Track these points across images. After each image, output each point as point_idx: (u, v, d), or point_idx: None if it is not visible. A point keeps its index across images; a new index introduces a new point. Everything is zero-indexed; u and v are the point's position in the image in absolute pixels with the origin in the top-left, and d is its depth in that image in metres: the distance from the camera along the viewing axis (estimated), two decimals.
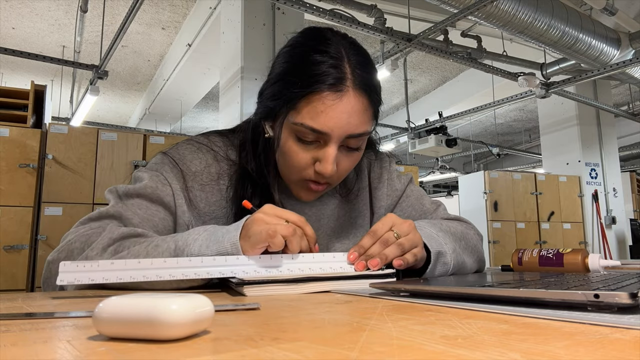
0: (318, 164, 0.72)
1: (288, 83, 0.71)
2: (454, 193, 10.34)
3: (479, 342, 0.27)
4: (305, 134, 0.71)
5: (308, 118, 0.69)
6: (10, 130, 2.71)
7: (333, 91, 0.69)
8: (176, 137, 3.97)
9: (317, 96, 0.69)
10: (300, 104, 0.70)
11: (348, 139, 0.72)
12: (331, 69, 0.70)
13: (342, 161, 0.74)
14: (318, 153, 0.72)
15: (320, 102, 0.69)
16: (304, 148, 0.73)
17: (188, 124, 7.69)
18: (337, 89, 0.69)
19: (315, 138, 0.71)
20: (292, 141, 0.73)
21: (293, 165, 0.74)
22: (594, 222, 5.04)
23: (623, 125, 7.31)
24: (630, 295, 0.35)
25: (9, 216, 2.63)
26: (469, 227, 0.89)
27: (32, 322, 0.37)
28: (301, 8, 2.99)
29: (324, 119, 0.69)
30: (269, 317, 0.39)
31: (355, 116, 0.71)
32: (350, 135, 0.71)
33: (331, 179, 0.75)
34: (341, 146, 0.73)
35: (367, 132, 0.74)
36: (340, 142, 0.72)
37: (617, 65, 3.86)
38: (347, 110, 0.70)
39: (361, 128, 0.72)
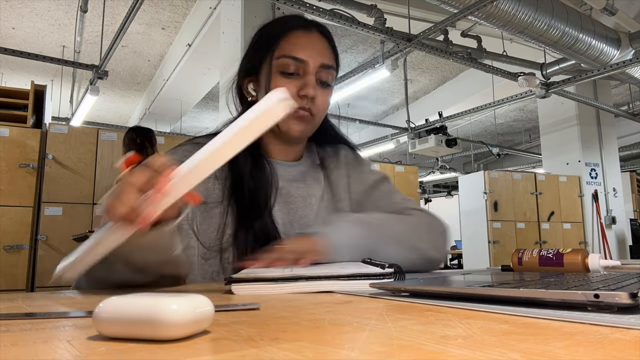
0: (302, 89, 0.85)
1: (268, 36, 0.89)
2: (454, 193, 10.34)
3: (479, 342, 0.27)
4: (288, 65, 0.85)
5: (288, 50, 0.86)
6: (10, 130, 2.71)
7: (304, 29, 0.89)
8: (176, 137, 3.97)
9: (293, 33, 0.88)
10: (279, 42, 0.87)
11: (321, 70, 0.87)
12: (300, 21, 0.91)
13: (318, 92, 0.87)
14: (300, 82, 0.86)
15: (295, 37, 0.87)
16: (289, 81, 0.86)
17: (188, 124, 7.70)
18: (307, 29, 0.89)
19: (296, 69, 0.86)
20: (278, 76, 0.86)
21: None
22: (594, 222, 5.04)
23: (623, 125, 7.31)
24: (630, 295, 0.35)
25: (9, 216, 2.63)
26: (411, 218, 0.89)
27: (32, 322, 0.37)
28: (301, 8, 2.99)
29: (302, 49, 0.86)
30: (269, 317, 0.39)
31: (324, 50, 0.89)
32: (322, 64, 0.87)
33: (313, 106, 0.86)
34: (317, 80, 0.87)
35: (333, 66, 0.90)
36: (315, 72, 0.86)
37: (617, 65, 3.86)
38: (317, 43, 0.89)
39: (330, 60, 0.89)
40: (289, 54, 0.86)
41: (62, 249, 2.67)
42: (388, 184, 1.00)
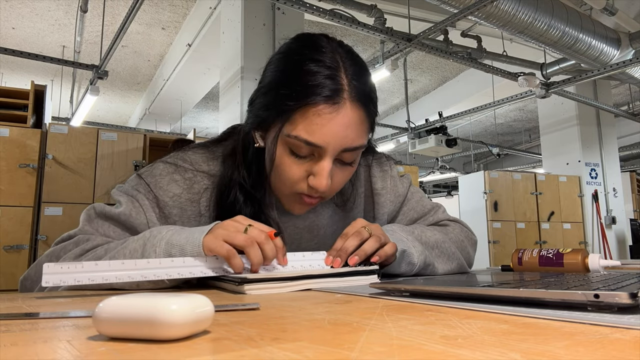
0: (312, 178, 0.70)
1: (282, 93, 0.68)
2: (454, 193, 10.34)
3: (479, 342, 0.28)
4: (300, 147, 0.68)
5: (304, 131, 0.66)
6: (10, 130, 2.71)
7: (330, 104, 0.66)
8: (176, 137, 3.97)
9: (313, 109, 0.66)
10: (295, 116, 0.67)
11: (343, 153, 0.70)
12: (327, 80, 0.67)
13: (336, 175, 0.72)
14: (312, 167, 0.70)
15: (316, 115, 0.66)
16: (298, 162, 0.70)
17: (188, 124, 7.70)
18: (334, 101, 0.66)
19: (310, 152, 0.69)
20: (286, 154, 0.70)
21: (286, 179, 0.71)
22: (594, 222, 5.04)
23: (623, 125, 7.31)
24: (630, 295, 0.35)
25: (9, 216, 2.63)
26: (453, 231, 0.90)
27: (32, 322, 0.37)
28: (301, 8, 2.99)
29: (320, 133, 0.66)
30: (269, 317, 0.39)
31: (352, 129, 0.68)
32: (346, 149, 0.69)
33: (324, 193, 0.72)
34: (335, 159, 0.71)
35: (362, 145, 0.72)
36: (335, 155, 0.69)
37: (617, 65, 3.86)
38: (344, 123, 0.67)
39: (357, 142, 0.70)
40: (302, 137, 0.67)
41: None
42: (412, 188, 0.97)
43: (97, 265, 0.56)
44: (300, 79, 0.67)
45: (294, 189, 0.72)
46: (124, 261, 0.57)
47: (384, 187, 0.92)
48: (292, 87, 0.67)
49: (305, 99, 0.66)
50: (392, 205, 0.93)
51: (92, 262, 0.57)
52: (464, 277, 0.71)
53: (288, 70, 0.70)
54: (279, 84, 0.70)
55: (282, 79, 0.70)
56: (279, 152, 0.70)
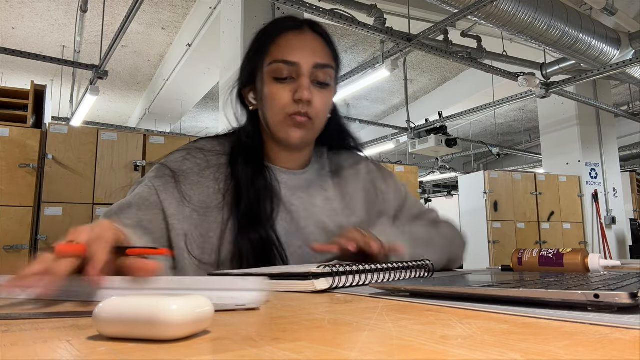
0: (296, 93, 0.81)
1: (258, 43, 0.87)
2: (454, 193, 10.33)
3: (479, 342, 0.27)
4: (280, 70, 0.82)
5: (278, 54, 0.82)
6: (10, 130, 2.71)
7: (294, 30, 0.85)
8: (176, 137, 3.97)
9: (282, 37, 0.84)
10: (271, 48, 0.84)
11: (316, 71, 0.82)
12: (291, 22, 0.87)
13: (315, 94, 0.83)
14: (294, 86, 0.82)
15: (285, 40, 0.83)
16: (282, 86, 0.82)
17: (188, 124, 7.70)
18: (297, 28, 0.85)
19: (289, 73, 0.82)
20: (271, 83, 0.83)
21: (276, 105, 0.82)
22: (594, 222, 5.04)
23: (623, 125, 7.31)
24: (630, 295, 0.35)
25: (9, 216, 2.63)
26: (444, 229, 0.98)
27: (32, 322, 0.37)
28: (301, 8, 2.99)
29: (292, 51, 0.82)
30: (269, 317, 0.39)
31: (317, 48, 0.84)
32: (316, 64, 0.82)
33: (310, 110, 0.82)
34: (312, 81, 0.83)
35: (330, 65, 0.85)
36: (309, 73, 0.82)
37: (617, 65, 3.86)
38: (308, 43, 0.84)
39: (325, 59, 0.84)
40: (279, 58, 0.82)
41: None
42: (408, 191, 1.06)
43: None
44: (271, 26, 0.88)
45: (285, 110, 0.82)
46: None
47: (388, 186, 1.00)
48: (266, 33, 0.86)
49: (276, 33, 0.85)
50: (396, 202, 1.00)
51: None
52: (464, 277, 0.71)
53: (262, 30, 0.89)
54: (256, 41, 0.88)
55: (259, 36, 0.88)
56: (266, 84, 0.83)
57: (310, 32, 0.86)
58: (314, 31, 0.86)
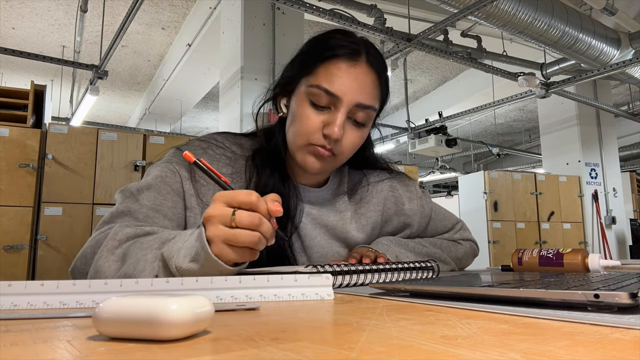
0: (327, 127, 0.76)
1: (307, 55, 0.81)
2: (454, 193, 10.33)
3: (479, 342, 0.27)
4: (319, 97, 0.76)
5: (323, 80, 0.76)
6: (10, 130, 2.71)
7: (349, 59, 0.77)
8: (176, 137, 3.97)
9: (334, 62, 0.77)
10: (317, 69, 0.77)
11: (356, 110, 0.77)
12: (349, 44, 0.79)
13: (347, 133, 0.79)
14: (328, 118, 0.77)
15: (335, 67, 0.77)
16: (316, 112, 0.77)
17: (188, 124, 7.69)
18: (353, 58, 0.78)
19: (328, 103, 0.76)
20: (306, 105, 0.78)
21: (302, 129, 0.78)
22: (594, 222, 5.04)
23: (623, 125, 7.31)
24: (630, 295, 0.35)
25: (9, 216, 2.63)
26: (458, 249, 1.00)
27: (32, 322, 0.37)
28: (301, 8, 2.99)
29: (338, 83, 0.76)
30: (269, 317, 0.39)
31: (366, 87, 0.78)
32: (359, 104, 0.77)
33: (336, 147, 0.78)
34: (349, 118, 0.78)
35: (373, 107, 0.79)
36: (349, 110, 0.77)
37: (617, 65, 3.86)
38: (360, 79, 0.77)
39: (370, 100, 0.78)
40: (323, 85, 0.76)
41: (62, 249, 2.67)
42: (434, 205, 1.04)
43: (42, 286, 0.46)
44: (325, 43, 0.80)
45: (309, 139, 0.78)
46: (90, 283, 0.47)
47: (412, 209, 0.98)
48: (317, 48, 0.80)
49: (328, 55, 0.78)
50: (419, 225, 0.99)
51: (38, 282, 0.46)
52: (464, 277, 0.71)
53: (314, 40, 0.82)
54: (305, 51, 0.82)
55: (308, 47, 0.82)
56: (300, 103, 0.79)
57: (365, 66, 0.78)
58: (369, 63, 0.79)
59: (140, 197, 0.74)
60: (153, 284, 0.48)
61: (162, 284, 0.48)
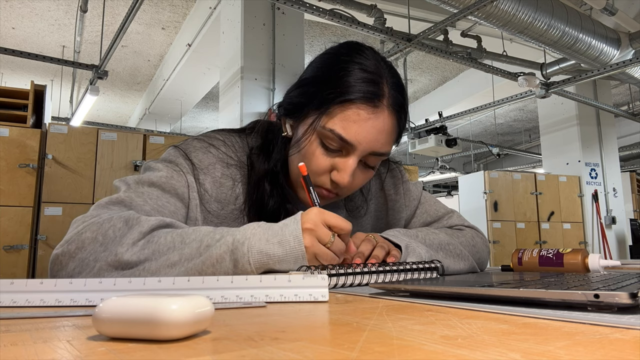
0: (335, 172, 0.72)
1: (324, 86, 0.71)
2: (454, 193, 10.33)
3: (479, 342, 0.27)
4: (332, 141, 0.71)
5: (340, 126, 0.69)
6: (10, 130, 2.71)
7: (370, 105, 0.70)
8: (176, 137, 3.97)
9: (353, 106, 0.69)
10: (334, 109, 0.70)
11: (369, 156, 0.73)
12: (370, 84, 0.70)
13: (356, 175, 0.75)
14: (338, 162, 0.72)
15: (355, 114, 0.69)
16: (326, 154, 0.73)
17: (188, 124, 7.69)
18: (374, 104, 0.70)
19: (340, 147, 0.71)
20: (316, 145, 0.72)
21: (311, 170, 0.73)
22: (594, 222, 5.04)
23: (623, 125, 7.31)
24: (630, 295, 0.35)
25: (9, 216, 2.63)
26: (465, 235, 0.90)
27: (32, 322, 0.37)
28: (301, 8, 2.99)
29: (355, 131, 0.69)
30: (269, 317, 0.39)
31: (384, 135, 0.72)
32: (373, 152, 0.72)
33: (341, 190, 0.75)
34: (359, 161, 0.73)
35: (388, 152, 0.75)
36: (361, 156, 0.72)
37: (617, 65, 3.86)
38: (379, 127, 0.71)
39: (385, 148, 0.74)
40: (337, 131, 0.69)
41: None
42: (425, 193, 0.99)
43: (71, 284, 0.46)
44: (345, 77, 0.70)
45: (315, 181, 0.74)
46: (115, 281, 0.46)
47: (397, 193, 0.94)
48: (336, 82, 0.70)
49: (347, 95, 0.69)
50: (408, 210, 0.95)
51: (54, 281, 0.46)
52: (464, 277, 0.71)
53: (334, 67, 0.73)
54: (322, 78, 0.73)
55: (327, 73, 0.73)
56: (310, 141, 0.72)
57: (386, 110, 0.71)
58: (391, 108, 0.72)
59: (141, 191, 0.70)
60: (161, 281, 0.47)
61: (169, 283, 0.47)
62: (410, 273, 0.66)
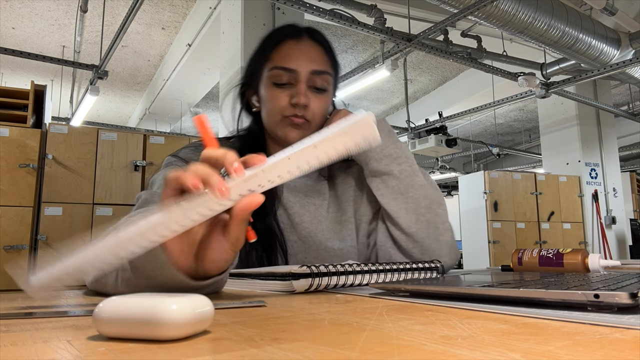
0: (293, 98, 0.87)
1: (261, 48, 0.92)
2: (454, 193, 10.33)
3: (479, 342, 0.27)
4: (280, 76, 0.87)
5: (278, 61, 0.88)
6: (10, 130, 2.71)
7: (294, 39, 0.90)
8: (176, 137, 3.97)
9: (283, 45, 0.90)
10: (272, 54, 0.89)
11: (313, 77, 0.88)
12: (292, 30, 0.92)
13: (312, 99, 0.88)
14: (292, 91, 0.87)
15: (286, 48, 0.89)
16: (281, 91, 0.88)
17: (188, 124, 7.69)
18: (297, 37, 0.90)
19: (288, 79, 0.87)
20: (271, 87, 0.88)
21: (274, 106, 0.88)
22: (594, 222, 5.04)
23: (623, 125, 7.31)
24: (630, 295, 0.35)
25: (9, 216, 2.63)
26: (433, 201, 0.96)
27: (32, 322, 0.37)
28: (301, 8, 2.99)
29: (291, 58, 0.87)
30: (269, 317, 0.39)
31: (315, 57, 0.89)
32: (313, 70, 0.87)
33: (307, 113, 0.87)
34: (310, 87, 0.88)
35: (327, 71, 0.90)
36: (307, 79, 0.87)
37: (617, 65, 3.86)
38: (307, 50, 0.89)
39: (322, 66, 0.89)
40: (279, 64, 0.88)
41: (62, 249, 2.68)
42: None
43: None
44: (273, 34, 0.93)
45: (282, 113, 0.88)
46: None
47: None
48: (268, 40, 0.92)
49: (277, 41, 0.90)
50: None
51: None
52: (464, 277, 0.71)
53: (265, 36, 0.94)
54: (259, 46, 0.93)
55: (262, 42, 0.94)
56: (267, 88, 0.89)
57: (309, 40, 0.91)
58: (312, 39, 0.91)
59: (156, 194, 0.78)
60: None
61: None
62: (411, 273, 0.66)
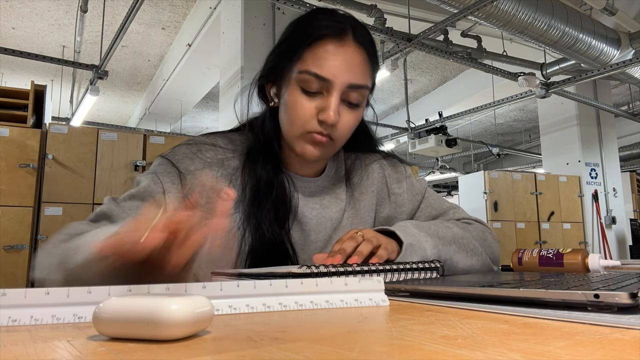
0: (321, 113, 0.74)
1: (293, 41, 0.77)
2: (454, 193, 10.33)
3: (479, 342, 0.27)
4: (310, 82, 0.74)
5: (312, 65, 0.73)
6: (10, 130, 2.71)
7: (336, 40, 0.75)
8: (176, 137, 3.97)
9: (321, 44, 0.74)
10: (305, 53, 0.74)
11: (349, 91, 0.75)
12: (334, 23, 0.76)
13: (343, 115, 0.76)
14: (321, 103, 0.75)
15: (323, 50, 0.74)
16: (309, 99, 0.75)
17: (188, 124, 7.69)
18: (340, 38, 0.75)
19: (319, 87, 0.74)
20: (297, 92, 0.75)
21: (297, 117, 0.76)
22: (594, 222, 5.04)
23: (623, 125, 7.31)
24: (630, 295, 0.35)
25: (9, 216, 2.63)
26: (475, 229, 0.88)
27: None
28: (301, 8, 2.99)
29: (327, 66, 0.73)
30: (269, 317, 0.39)
31: (356, 66, 0.75)
32: (351, 84, 0.74)
33: (334, 132, 0.76)
34: (343, 100, 0.76)
35: (366, 85, 0.77)
36: (341, 92, 0.74)
37: (617, 65, 3.86)
38: (348, 58, 0.74)
39: (361, 79, 0.76)
40: (312, 70, 0.73)
41: None
42: (430, 189, 0.99)
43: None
44: (310, 25, 0.77)
45: (304, 127, 0.76)
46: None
47: (401, 187, 0.94)
48: (303, 32, 0.77)
49: (313, 38, 0.75)
50: (411, 204, 0.94)
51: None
52: (464, 277, 0.71)
53: (302, 22, 0.79)
54: (291, 35, 0.79)
55: (294, 30, 0.79)
56: (291, 91, 0.76)
57: (353, 43, 0.76)
58: (357, 41, 0.76)
59: (123, 205, 0.73)
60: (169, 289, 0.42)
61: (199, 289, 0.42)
62: (411, 273, 0.66)
